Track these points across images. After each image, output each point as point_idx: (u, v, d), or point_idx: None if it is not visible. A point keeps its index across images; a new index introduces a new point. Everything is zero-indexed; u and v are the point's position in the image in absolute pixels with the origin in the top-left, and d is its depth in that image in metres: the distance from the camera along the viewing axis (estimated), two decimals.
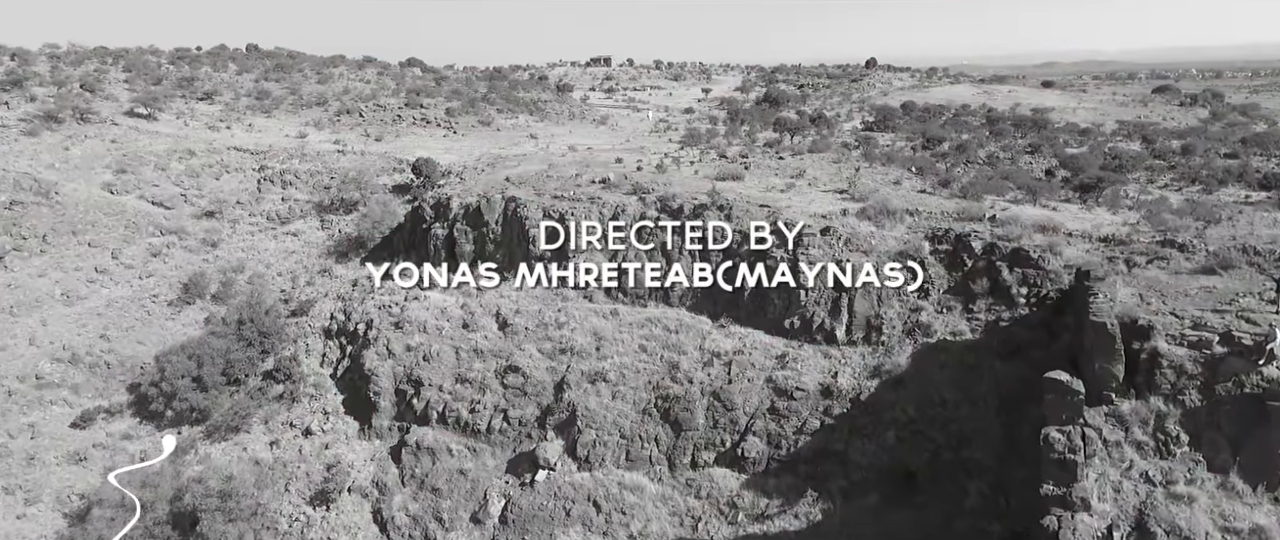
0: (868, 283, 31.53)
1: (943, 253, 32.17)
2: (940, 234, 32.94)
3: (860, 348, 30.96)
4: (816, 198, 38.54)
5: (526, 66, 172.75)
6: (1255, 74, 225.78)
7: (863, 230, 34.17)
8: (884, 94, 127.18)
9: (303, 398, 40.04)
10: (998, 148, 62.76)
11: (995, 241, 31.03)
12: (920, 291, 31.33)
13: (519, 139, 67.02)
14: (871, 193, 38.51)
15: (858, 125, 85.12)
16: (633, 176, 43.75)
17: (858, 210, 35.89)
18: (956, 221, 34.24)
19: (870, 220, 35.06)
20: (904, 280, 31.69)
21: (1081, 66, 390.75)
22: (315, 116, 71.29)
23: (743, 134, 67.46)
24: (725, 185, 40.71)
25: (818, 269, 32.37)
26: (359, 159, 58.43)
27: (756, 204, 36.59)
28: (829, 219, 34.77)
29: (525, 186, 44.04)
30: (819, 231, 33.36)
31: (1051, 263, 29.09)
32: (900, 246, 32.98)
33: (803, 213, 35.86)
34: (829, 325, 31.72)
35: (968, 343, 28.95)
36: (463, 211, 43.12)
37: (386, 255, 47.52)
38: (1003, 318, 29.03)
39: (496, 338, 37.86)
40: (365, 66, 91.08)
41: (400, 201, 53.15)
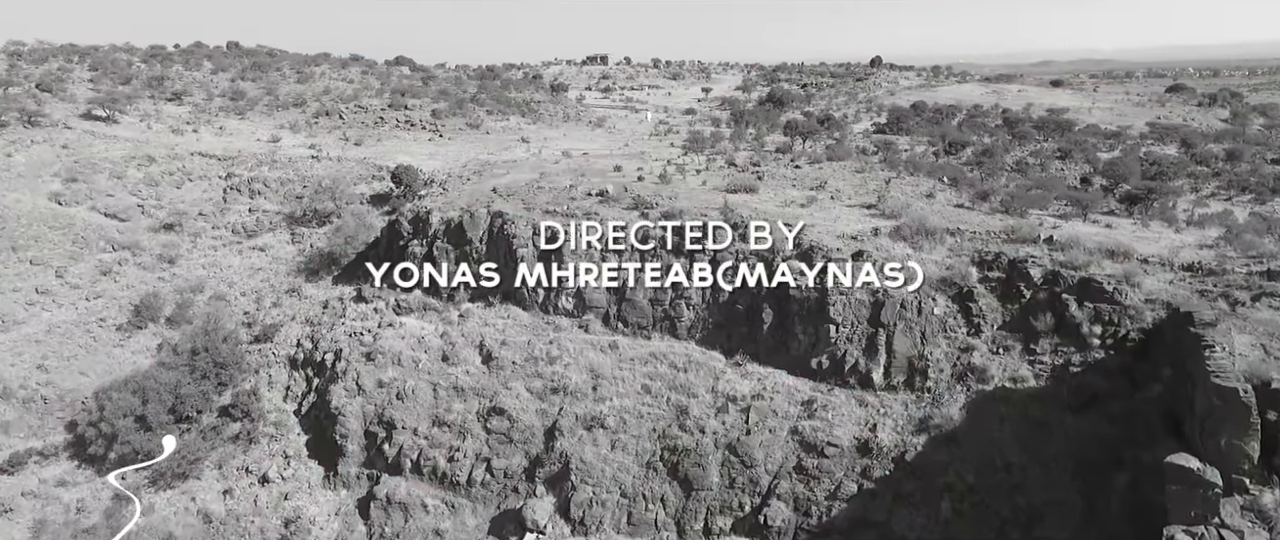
0: (908, 317, 27.05)
1: (994, 281, 27.72)
2: (990, 259, 28.50)
3: (902, 394, 26.49)
4: (842, 214, 34.08)
5: (521, 65, 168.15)
6: (1252, 73, 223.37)
7: (898, 253, 29.72)
8: (891, 93, 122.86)
9: (261, 438, 35.52)
10: (1025, 153, 58.41)
11: (1057, 269, 26.58)
12: (971, 328, 26.88)
13: (509, 143, 62.48)
14: (904, 208, 34.08)
15: (868, 127, 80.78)
16: (633, 188, 39.26)
17: (891, 229, 31.45)
18: (1006, 243, 29.81)
19: (906, 241, 30.63)
20: (950, 313, 27.27)
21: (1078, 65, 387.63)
22: (292, 118, 66.68)
23: (750, 138, 63.02)
24: (738, 198, 36.26)
25: (849, 300, 27.89)
26: (335, 166, 53.86)
27: (775, 222, 32.09)
28: (860, 240, 30.30)
29: (513, 199, 39.50)
30: (850, 256, 28.84)
31: (1129, 296, 24.63)
32: (943, 273, 28.54)
33: (828, 232, 31.40)
34: (864, 366, 27.25)
35: (1032, 392, 24.50)
36: (443, 227, 38.58)
37: (360, 275, 43.01)
38: (1072, 362, 24.58)
39: (479, 373, 33.34)
40: (349, 65, 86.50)
41: (378, 213, 48.61)
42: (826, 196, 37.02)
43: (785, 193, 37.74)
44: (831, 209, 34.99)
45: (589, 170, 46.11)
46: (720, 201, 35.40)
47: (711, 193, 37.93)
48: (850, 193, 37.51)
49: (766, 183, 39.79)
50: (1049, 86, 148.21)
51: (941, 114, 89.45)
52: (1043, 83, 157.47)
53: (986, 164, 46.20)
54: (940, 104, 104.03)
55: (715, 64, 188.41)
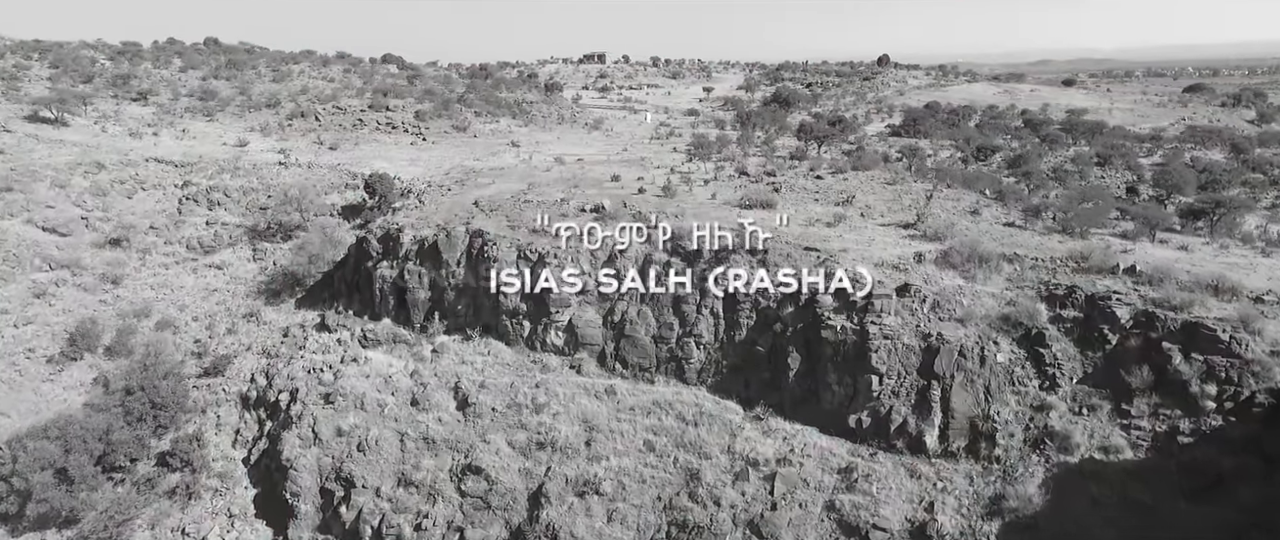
0: (968, 367, 22.25)
1: (1069, 322, 22.93)
2: (1061, 293, 23.72)
3: (964, 464, 21.69)
4: (877, 236, 29.27)
5: (515, 63, 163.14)
6: (1252, 72, 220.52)
7: (949, 285, 24.93)
8: (900, 93, 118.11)
9: (203, 493, 30.72)
10: (1060, 159, 53.72)
11: (1151, 308, 21.80)
12: (1044, 380, 22.09)
13: (498, 147, 57.62)
14: (948, 229, 29.28)
15: (883, 129, 76.08)
16: (633, 202, 34.44)
17: (937, 255, 26.64)
18: (1077, 273, 25.03)
19: (955, 269, 25.84)
20: (1017, 362, 22.49)
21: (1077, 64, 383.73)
22: (263, 120, 61.75)
23: (758, 142, 58.25)
24: (754, 216, 31.42)
25: (895, 345, 23.09)
26: (304, 173, 48.96)
27: (800, 246, 27.30)
28: (903, 270, 25.47)
29: (497, 215, 34.65)
30: (894, 291, 24.01)
31: (1250, 348, 19.85)
32: (1003, 309, 23.77)
33: (864, 258, 26.59)
34: (914, 427, 22.45)
35: (1130, 467, 19.72)
36: (416, 247, 33.73)
37: (326, 298, 38.19)
38: (1180, 430, 19.79)
39: (454, 421, 28.50)
40: (331, 63, 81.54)
41: (349, 227, 43.79)
42: (856, 213, 32.21)
43: (808, 208, 32.92)
44: (864, 229, 30.17)
45: (583, 179, 41.28)
46: (734, 219, 30.61)
47: (723, 208, 33.13)
48: (882, 209, 32.70)
49: (785, 196, 34.98)
50: (1061, 86, 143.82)
51: (957, 115, 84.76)
52: (1054, 82, 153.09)
53: (1029, 174, 41.35)
54: (953, 104, 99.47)
55: (715, 63, 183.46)
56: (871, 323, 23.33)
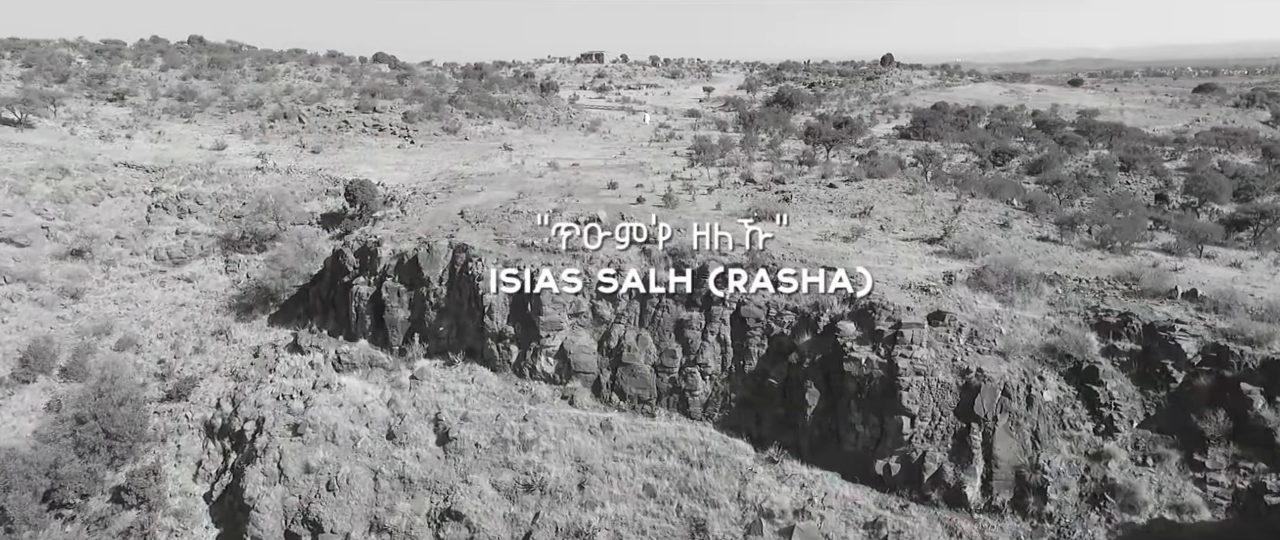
0: (1013, 409, 19.53)
1: (1125, 356, 20.24)
2: (1113, 321, 21.03)
3: (1010, 520, 18.97)
4: (900, 252, 26.54)
5: (512, 63, 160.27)
6: (1251, 72, 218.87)
7: (984, 310, 22.24)
8: (905, 93, 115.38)
9: (159, 533, 27.92)
10: (1080, 163, 50.98)
11: (1222, 342, 19.09)
12: (1099, 424, 19.39)
13: (490, 150, 54.83)
14: (978, 244, 26.55)
15: (891, 130, 73.37)
16: (632, 213, 31.69)
17: (970, 275, 23.94)
18: (1128, 296, 22.35)
19: (991, 292, 23.16)
20: (1067, 401, 19.80)
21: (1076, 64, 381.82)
22: (244, 122, 58.94)
23: (763, 145, 55.47)
24: (763, 229, 28.66)
25: (929, 382, 20.37)
26: (283, 178, 46.16)
27: (817, 265, 24.56)
28: (934, 294, 22.75)
29: (484, 227, 31.89)
30: (925, 319, 21.28)
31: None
32: (1047, 338, 21.10)
33: (887, 278, 23.90)
34: (952, 476, 19.73)
35: (1209, 531, 16.97)
36: (395, 263, 30.97)
37: (301, 314, 35.44)
38: (1268, 487, 17.09)
39: (433, 459, 25.74)
40: (318, 62, 78.70)
41: (328, 236, 41.00)
42: (874, 226, 29.47)
43: (822, 221, 30.19)
44: (885, 245, 27.43)
45: (578, 187, 38.54)
46: (742, 232, 27.89)
47: (729, 220, 30.37)
48: (903, 221, 29.95)
49: (796, 207, 32.23)
50: (1068, 86, 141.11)
51: (965, 116, 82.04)
52: (1059, 82, 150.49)
53: (1060, 182, 38.58)
54: (960, 104, 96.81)
55: (715, 62, 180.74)
56: (901, 356, 20.60)
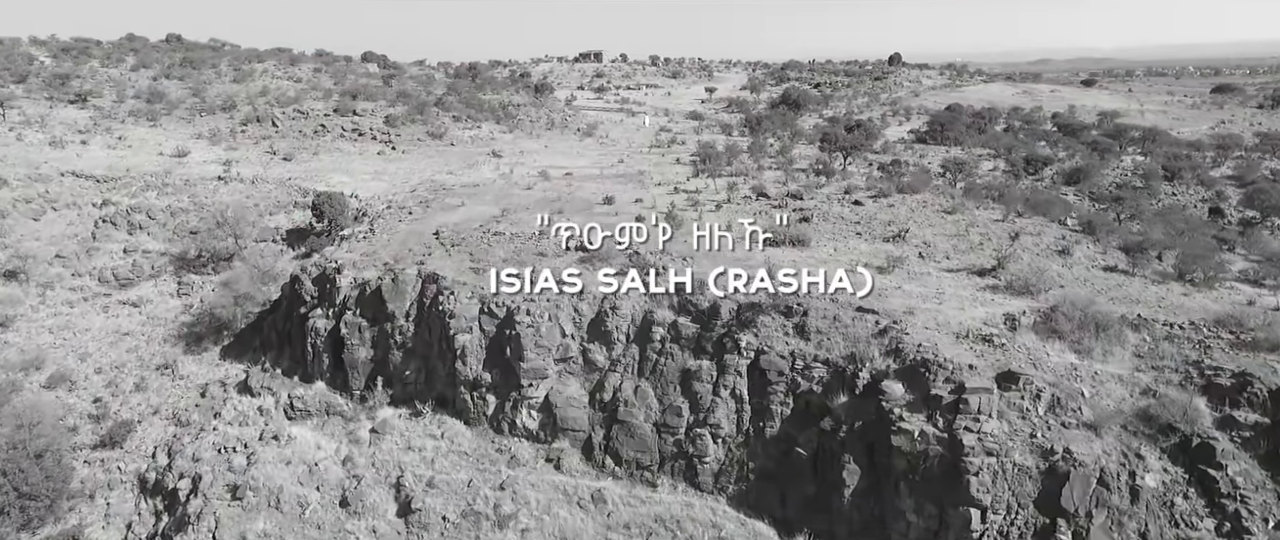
0: (1114, 502, 15.41)
1: (1249, 430, 16.13)
2: (1227, 384, 16.94)
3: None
4: (947, 286, 22.44)
5: (508, 62, 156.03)
6: (1253, 72, 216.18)
7: (1059, 364, 18.14)
8: (915, 94, 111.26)
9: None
10: (1118, 172, 46.93)
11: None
12: (1223, 521, 15.23)
13: (477, 157, 50.71)
14: (1039, 277, 22.41)
15: (906, 134, 69.29)
16: (629, 234, 27.52)
17: (1036, 319, 19.83)
18: (1237, 348, 18.24)
19: (1064, 339, 19.07)
20: (1175, 488, 15.68)
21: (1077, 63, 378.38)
22: (214, 125, 54.82)
23: (772, 150, 51.36)
24: (783, 257, 24.61)
25: (1002, 464, 16.24)
26: (247, 189, 42.04)
27: (850, 305, 20.45)
28: (997, 345, 18.62)
29: (459, 252, 27.75)
30: (994, 381, 17.16)
31: None
32: (1140, 401, 17.00)
33: (936, 322, 19.79)
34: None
35: None
36: (356, 294, 26.84)
37: (257, 346, 31.33)
38: None
39: (392, 535, 21.63)
40: (299, 61, 74.51)
41: (292, 255, 36.90)
42: (912, 252, 25.33)
43: (850, 246, 26.04)
44: (927, 277, 23.31)
45: (570, 201, 34.45)
46: (757, 261, 23.80)
47: (742, 244, 26.23)
48: (945, 247, 25.78)
49: (818, 227, 28.08)
50: (1080, 86, 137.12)
51: (982, 118, 77.99)
52: (1071, 82, 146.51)
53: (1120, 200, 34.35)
54: (973, 106, 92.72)
55: (716, 61, 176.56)
56: (966, 429, 16.47)
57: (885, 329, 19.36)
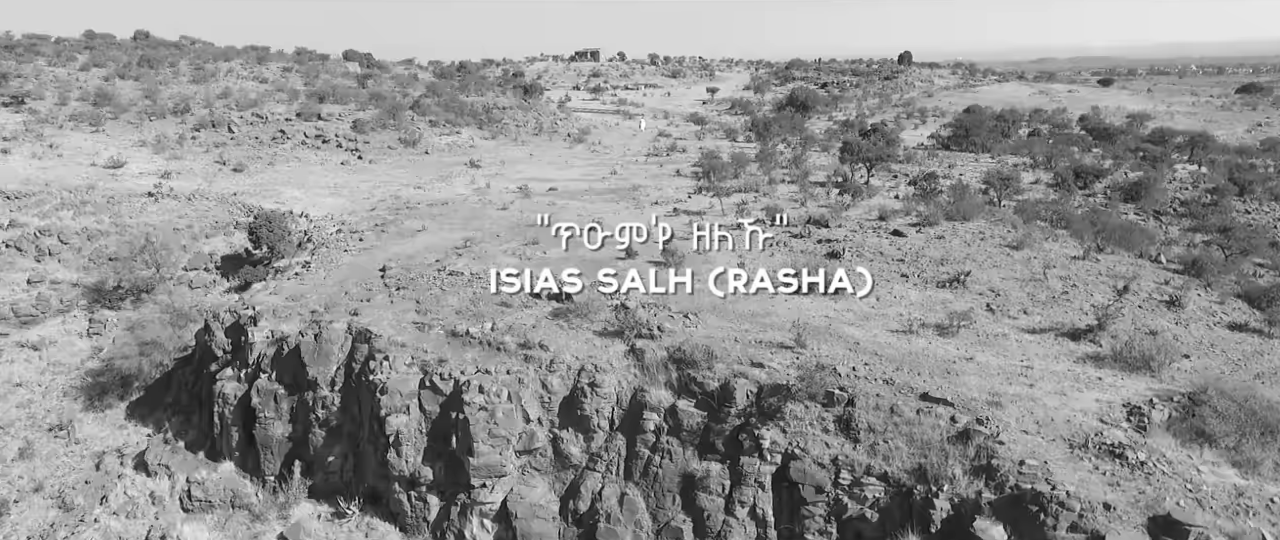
0: None
1: None
2: None
3: None
4: (1033, 357, 16.97)
5: (501, 61, 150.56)
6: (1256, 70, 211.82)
7: (1213, 484, 12.66)
8: (928, 94, 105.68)
9: None
10: (1179, 184, 41.36)
11: None
12: None
13: (452, 167, 45.20)
14: (1156, 347, 16.86)
15: (927, 140, 63.81)
16: (619, 273, 22.02)
17: (1169, 414, 14.32)
18: None
19: (1214, 446, 13.59)
20: None
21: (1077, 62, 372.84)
22: (162, 131, 49.33)
23: (784, 160, 45.87)
24: (814, 306, 19.09)
25: None
26: (180, 207, 36.53)
27: (910, 388, 14.96)
28: (1119, 451, 13.09)
29: (405, 297, 22.20)
30: (1144, 526, 11.61)
31: None
32: None
33: (1033, 417, 14.24)
34: None
35: None
36: (273, 352, 21.29)
37: (168, 405, 25.80)
38: None
39: None
40: (268, 60, 68.91)
41: (224, 289, 31.40)
42: (978, 302, 19.80)
43: (897, 293, 20.50)
44: (1005, 341, 17.77)
45: (551, 226, 28.83)
46: (780, 319, 18.33)
47: (759, 294, 20.70)
48: (1019, 296, 20.20)
49: (854, 265, 22.49)
50: (1097, 86, 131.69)
51: (1005, 121, 72.38)
52: (1088, 82, 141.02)
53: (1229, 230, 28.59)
54: (992, 107, 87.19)
55: (717, 60, 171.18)
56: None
57: (967, 431, 13.84)
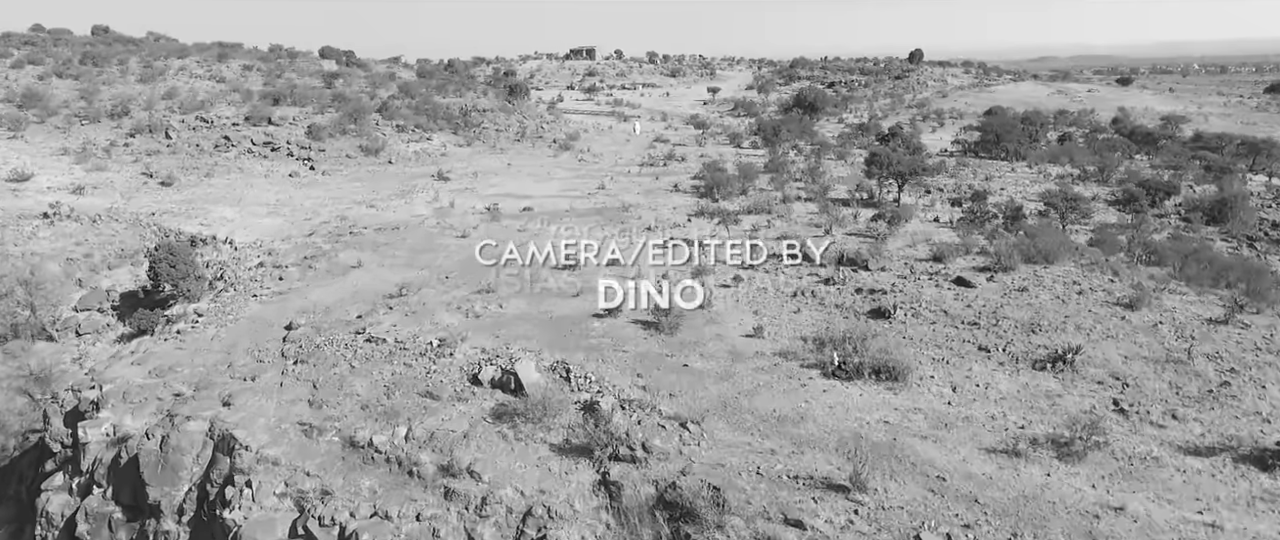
0: None
1: None
2: None
3: None
4: (1211, 498, 10.87)
5: (493, 60, 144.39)
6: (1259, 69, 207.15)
7: None
8: (942, 94, 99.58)
9: None
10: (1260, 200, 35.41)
11: None
12: None
13: (417, 180, 39.28)
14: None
15: (951, 145, 57.91)
16: (591, 342, 16.14)
17: None
18: None
19: None
20: None
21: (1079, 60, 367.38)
22: (90, 138, 43.49)
23: (798, 171, 39.93)
24: (862, 398, 13.18)
25: None
26: (82, 230, 30.63)
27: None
28: None
29: (300, 377, 16.28)
30: None
31: None
32: None
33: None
34: None
35: None
36: (111, 458, 15.38)
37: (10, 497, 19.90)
38: None
39: None
40: (229, 57, 62.84)
41: (115, 337, 25.47)
42: (1098, 395, 13.87)
43: (981, 380, 14.57)
44: (1156, 469, 11.88)
45: (514, 264, 22.95)
46: (818, 418, 12.46)
47: (785, 381, 14.81)
48: (1157, 386, 14.26)
49: (908, 329, 16.57)
50: (1116, 85, 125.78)
51: (1032, 124, 66.33)
52: (1107, 81, 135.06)
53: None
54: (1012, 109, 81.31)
55: (718, 59, 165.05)
56: None
57: None
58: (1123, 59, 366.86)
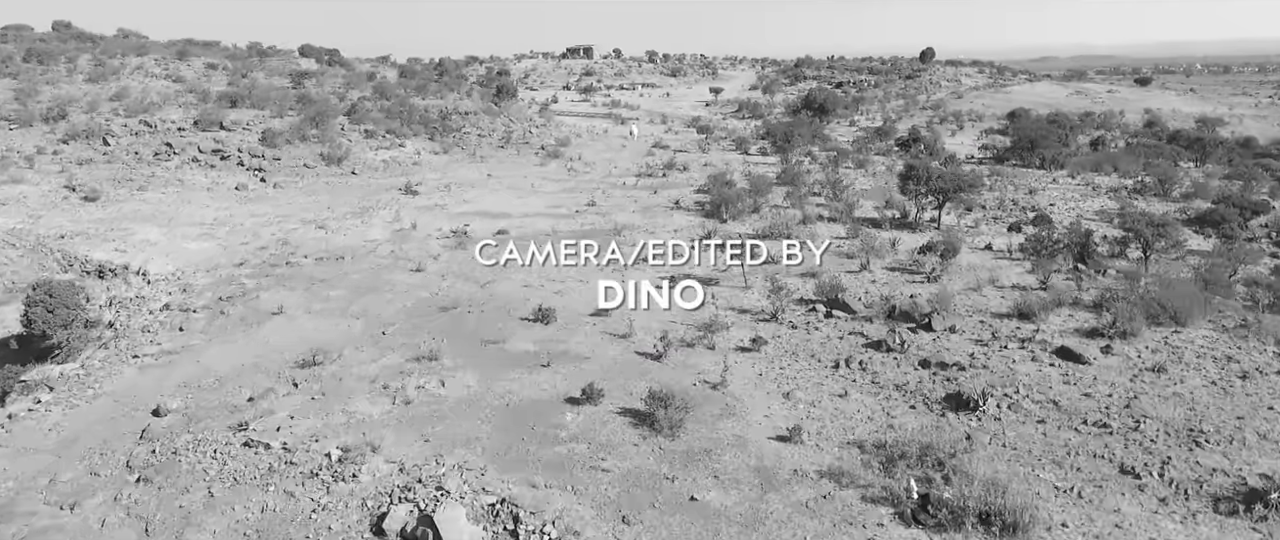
0: None
1: None
2: None
3: None
4: None
5: (486, 59, 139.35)
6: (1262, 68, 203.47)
7: None
8: (957, 95, 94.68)
9: None
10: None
11: None
12: None
13: (381, 194, 34.31)
14: None
15: (976, 150, 52.99)
16: (564, 447, 11.18)
17: None
18: None
19: None
20: None
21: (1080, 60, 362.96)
22: (16, 145, 38.47)
23: (818, 185, 35.00)
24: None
25: None
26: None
27: None
28: None
29: (125, 522, 11.22)
30: None
31: None
32: None
33: None
34: None
35: None
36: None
37: None
38: None
39: None
40: (190, 55, 57.79)
41: None
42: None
43: (1134, 526, 9.47)
44: None
45: (471, 315, 18.02)
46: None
47: (840, 524, 9.79)
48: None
49: (1008, 438, 11.59)
50: (1135, 85, 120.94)
51: (1059, 127, 61.32)
52: (1126, 81, 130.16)
53: None
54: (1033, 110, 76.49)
55: (720, 58, 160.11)
56: None
57: None
58: (1124, 59, 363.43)
